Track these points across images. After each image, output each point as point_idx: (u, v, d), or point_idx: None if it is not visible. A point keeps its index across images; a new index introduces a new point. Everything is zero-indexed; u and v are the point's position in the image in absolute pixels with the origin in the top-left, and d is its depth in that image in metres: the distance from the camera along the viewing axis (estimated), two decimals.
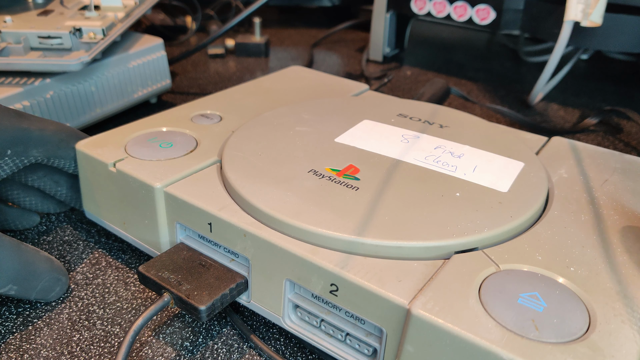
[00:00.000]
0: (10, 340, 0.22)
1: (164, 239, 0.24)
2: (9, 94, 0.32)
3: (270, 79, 0.37)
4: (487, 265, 0.19)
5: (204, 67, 0.56)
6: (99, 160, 0.25)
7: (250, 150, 0.25)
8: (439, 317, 0.16)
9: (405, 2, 0.53)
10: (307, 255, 0.19)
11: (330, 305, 0.20)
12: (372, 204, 0.21)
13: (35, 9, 0.40)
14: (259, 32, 0.61)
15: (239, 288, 0.21)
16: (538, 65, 0.60)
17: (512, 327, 0.16)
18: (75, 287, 0.25)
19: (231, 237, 0.21)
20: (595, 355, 0.15)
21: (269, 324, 0.23)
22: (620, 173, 0.26)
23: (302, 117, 0.29)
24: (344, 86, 0.36)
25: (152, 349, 0.22)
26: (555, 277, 0.18)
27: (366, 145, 0.26)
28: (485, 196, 0.22)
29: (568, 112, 0.47)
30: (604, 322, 0.16)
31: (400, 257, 0.19)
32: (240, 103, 0.32)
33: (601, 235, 0.21)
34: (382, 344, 0.18)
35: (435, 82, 0.43)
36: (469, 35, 0.72)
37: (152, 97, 0.44)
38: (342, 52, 0.63)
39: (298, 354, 0.22)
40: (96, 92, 0.38)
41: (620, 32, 0.42)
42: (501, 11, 0.48)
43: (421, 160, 0.25)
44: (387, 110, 0.31)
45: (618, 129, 0.44)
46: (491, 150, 0.26)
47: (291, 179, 0.23)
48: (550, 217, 0.22)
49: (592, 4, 0.39)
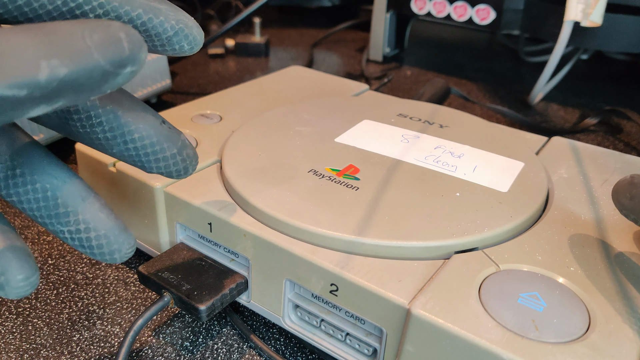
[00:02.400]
0: (10, 340, 0.22)
1: (164, 239, 0.24)
2: None
3: (270, 79, 0.37)
4: (487, 265, 0.19)
5: (204, 67, 0.56)
6: (99, 160, 0.25)
7: (250, 150, 0.25)
8: (439, 317, 0.16)
9: (405, 2, 0.53)
10: (307, 255, 0.19)
11: (330, 305, 0.20)
12: (372, 203, 0.21)
13: None
14: (259, 32, 0.61)
15: (239, 288, 0.21)
16: (538, 65, 0.60)
17: (512, 327, 0.16)
18: (75, 287, 0.25)
19: (231, 237, 0.21)
20: (595, 355, 0.15)
21: (269, 324, 0.23)
22: (620, 173, 0.26)
23: (302, 117, 0.29)
24: (344, 86, 0.36)
25: (152, 349, 0.22)
26: (555, 277, 0.18)
27: (366, 145, 0.26)
28: (485, 196, 0.22)
29: (568, 112, 0.47)
30: (604, 322, 0.16)
31: (400, 257, 0.19)
32: (240, 103, 0.32)
33: (601, 235, 0.21)
34: (382, 344, 0.18)
35: (435, 82, 0.43)
36: (469, 35, 0.72)
37: (152, 97, 0.44)
38: (342, 52, 0.63)
39: (298, 354, 0.22)
40: None
41: (620, 32, 0.42)
42: (501, 11, 0.48)
43: (421, 160, 0.25)
44: (387, 110, 0.31)
45: (618, 129, 0.44)
46: (491, 150, 0.26)
47: (291, 179, 0.23)
48: (550, 217, 0.22)
49: (592, 4, 0.39)
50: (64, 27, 0.13)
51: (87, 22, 0.13)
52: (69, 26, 0.13)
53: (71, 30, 0.13)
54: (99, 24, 0.13)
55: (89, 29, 0.13)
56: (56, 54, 0.12)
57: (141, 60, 0.14)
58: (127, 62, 0.14)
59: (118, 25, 0.14)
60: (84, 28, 0.13)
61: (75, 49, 0.13)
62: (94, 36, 0.13)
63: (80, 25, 0.13)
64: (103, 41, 0.13)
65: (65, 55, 0.13)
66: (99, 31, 0.13)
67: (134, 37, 0.14)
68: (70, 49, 0.13)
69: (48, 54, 0.12)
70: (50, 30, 0.13)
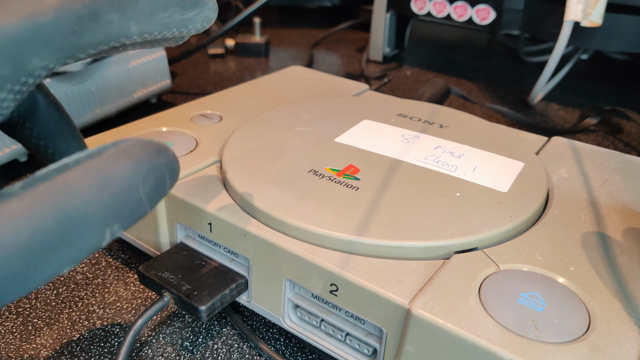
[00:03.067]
0: (10, 340, 0.22)
1: (164, 239, 0.24)
2: None
3: (270, 79, 0.37)
4: (487, 265, 0.19)
5: (204, 67, 0.56)
6: None
7: (250, 150, 0.25)
8: (439, 317, 0.16)
9: (405, 2, 0.53)
10: (307, 255, 0.19)
11: (330, 305, 0.20)
12: (372, 204, 0.21)
13: None
14: (259, 32, 0.61)
15: (239, 288, 0.21)
16: (538, 65, 0.60)
17: (512, 327, 0.16)
18: (75, 287, 0.25)
19: (231, 237, 0.21)
20: (595, 355, 0.15)
21: (269, 324, 0.23)
22: (620, 173, 0.26)
23: (302, 117, 0.29)
24: (344, 86, 0.36)
25: (152, 349, 0.22)
26: (555, 277, 0.18)
27: (366, 145, 0.26)
28: (485, 196, 0.22)
29: (568, 112, 0.47)
30: (604, 322, 0.16)
31: (400, 257, 0.19)
32: (240, 103, 0.32)
33: (601, 235, 0.21)
34: (382, 344, 0.18)
35: (435, 82, 0.43)
36: (469, 35, 0.72)
37: (152, 97, 0.44)
38: (342, 52, 0.63)
39: (298, 354, 0.22)
40: (96, 92, 0.38)
41: (620, 32, 0.42)
42: (501, 11, 0.48)
43: (421, 160, 0.25)
44: (387, 110, 0.31)
45: (618, 129, 0.44)
46: (491, 150, 0.26)
47: (291, 179, 0.23)
48: (550, 217, 0.22)
49: (592, 4, 0.39)
50: (122, 175, 0.13)
51: (141, 162, 0.14)
52: (126, 173, 0.14)
53: (129, 182, 0.13)
54: (151, 166, 0.14)
55: (143, 176, 0.14)
56: (118, 219, 0.13)
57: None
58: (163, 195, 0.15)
59: (165, 163, 0.15)
60: (139, 175, 0.14)
61: (132, 207, 0.14)
62: (147, 184, 0.14)
63: (136, 169, 0.14)
64: (153, 188, 0.14)
65: (125, 219, 0.13)
66: (151, 177, 0.14)
67: (175, 173, 0.15)
68: (128, 211, 0.14)
69: (111, 221, 0.13)
70: (114, 192, 0.13)
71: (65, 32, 0.14)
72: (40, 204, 0.12)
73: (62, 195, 0.12)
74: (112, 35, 0.15)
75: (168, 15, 0.16)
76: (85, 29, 0.14)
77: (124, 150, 0.14)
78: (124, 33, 0.15)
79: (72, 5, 0.14)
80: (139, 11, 0.15)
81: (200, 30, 0.18)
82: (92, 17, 0.14)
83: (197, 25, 0.17)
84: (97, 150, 0.13)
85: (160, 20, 0.16)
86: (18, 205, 0.12)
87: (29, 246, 0.11)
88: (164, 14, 0.16)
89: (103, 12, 0.14)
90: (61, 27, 0.14)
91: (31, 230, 0.12)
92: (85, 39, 0.14)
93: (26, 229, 0.11)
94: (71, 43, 0.14)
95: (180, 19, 0.17)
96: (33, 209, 0.12)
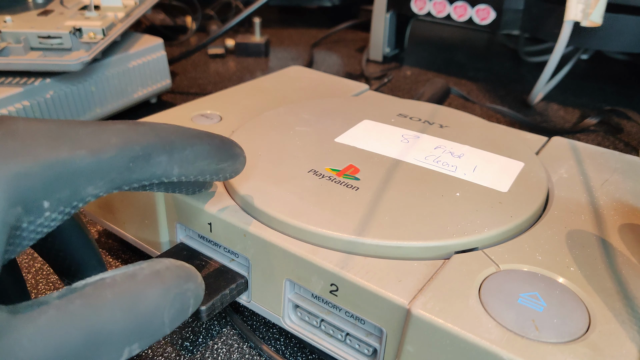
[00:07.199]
0: None
1: (164, 239, 0.24)
2: (9, 94, 0.32)
3: (270, 79, 0.37)
4: (487, 265, 0.19)
5: (204, 67, 0.56)
6: None
7: (250, 150, 0.25)
8: (439, 317, 0.16)
9: (405, 2, 0.53)
10: (307, 255, 0.19)
11: (330, 305, 0.20)
12: (372, 204, 0.21)
13: (36, 9, 0.40)
14: (259, 32, 0.61)
15: (239, 288, 0.21)
16: (538, 65, 0.60)
17: (512, 327, 0.16)
18: None
19: (231, 237, 0.21)
20: (595, 355, 0.15)
21: (269, 324, 0.23)
22: (620, 173, 0.26)
23: (302, 117, 0.29)
24: (344, 86, 0.36)
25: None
26: (555, 277, 0.18)
27: (366, 145, 0.26)
28: (485, 196, 0.22)
29: (568, 112, 0.47)
30: (604, 322, 0.16)
31: (400, 257, 0.19)
32: (240, 103, 0.32)
33: (601, 235, 0.21)
34: (382, 344, 0.18)
35: (435, 82, 0.43)
36: (469, 35, 0.72)
37: (152, 97, 0.44)
38: (342, 52, 0.63)
39: (298, 354, 0.22)
40: (96, 92, 0.38)
41: (620, 32, 0.42)
42: (501, 11, 0.48)
43: (421, 160, 0.25)
44: (387, 110, 0.31)
45: (618, 129, 0.44)
46: (491, 150, 0.26)
47: (291, 179, 0.23)
48: (550, 217, 0.22)
49: (592, 4, 0.39)
50: (151, 300, 0.14)
51: (170, 289, 0.15)
52: (155, 299, 0.14)
53: (157, 308, 0.14)
54: (179, 292, 0.15)
55: (170, 302, 0.14)
56: (139, 339, 0.14)
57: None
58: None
59: (192, 289, 0.15)
60: (167, 301, 0.14)
61: (154, 329, 0.14)
62: (172, 310, 0.14)
63: (164, 295, 0.14)
64: (176, 314, 0.15)
65: (145, 339, 0.14)
66: (177, 303, 0.15)
67: (199, 300, 0.16)
68: (150, 333, 0.14)
69: (132, 341, 0.14)
70: (140, 315, 0.14)
71: (121, 169, 0.15)
72: (72, 319, 0.13)
73: (94, 314, 0.13)
74: (156, 175, 0.16)
75: (206, 164, 0.18)
76: (137, 167, 0.16)
77: (157, 273, 0.14)
78: (167, 174, 0.17)
79: (132, 146, 0.15)
80: (184, 157, 0.17)
81: (228, 179, 0.20)
82: (145, 157, 0.16)
83: (227, 174, 0.19)
84: (133, 272, 0.14)
85: (198, 167, 0.18)
86: (52, 316, 0.12)
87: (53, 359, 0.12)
88: (204, 162, 0.18)
89: (155, 155, 0.16)
90: (119, 164, 0.15)
91: (59, 345, 0.12)
92: (135, 175, 0.16)
93: (55, 342, 0.12)
94: (123, 177, 0.15)
95: (216, 168, 0.18)
96: (65, 323, 0.12)
